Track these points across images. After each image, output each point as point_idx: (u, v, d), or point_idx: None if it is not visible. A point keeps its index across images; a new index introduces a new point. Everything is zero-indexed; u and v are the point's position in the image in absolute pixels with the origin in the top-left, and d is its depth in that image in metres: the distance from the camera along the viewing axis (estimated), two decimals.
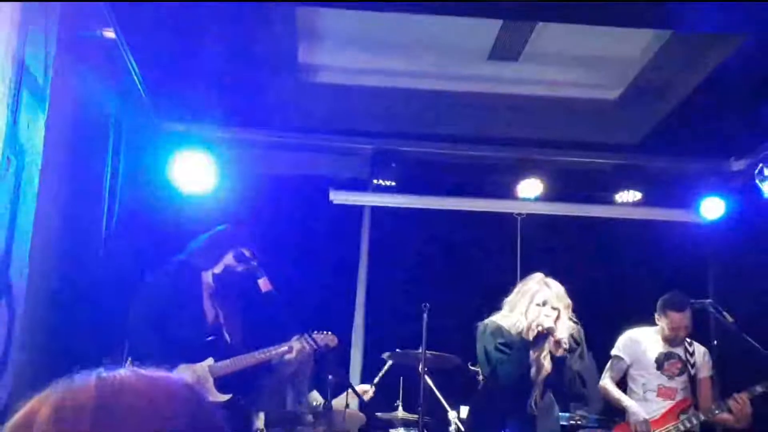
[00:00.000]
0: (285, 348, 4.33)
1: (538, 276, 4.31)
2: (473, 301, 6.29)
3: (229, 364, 4.22)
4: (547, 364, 4.12)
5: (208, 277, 4.38)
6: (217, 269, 4.38)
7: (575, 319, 4.24)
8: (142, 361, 4.00)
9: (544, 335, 4.10)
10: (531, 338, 4.09)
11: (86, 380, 0.82)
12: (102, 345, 4.94)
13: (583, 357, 4.32)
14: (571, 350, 4.14)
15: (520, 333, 4.11)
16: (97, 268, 4.83)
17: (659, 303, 5.09)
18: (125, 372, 0.85)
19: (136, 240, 5.56)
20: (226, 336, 4.32)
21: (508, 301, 4.32)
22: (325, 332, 4.49)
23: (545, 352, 4.12)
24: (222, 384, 4.21)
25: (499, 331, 4.17)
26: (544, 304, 4.11)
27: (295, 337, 4.34)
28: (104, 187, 4.71)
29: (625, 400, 5.03)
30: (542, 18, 4.93)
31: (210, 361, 4.21)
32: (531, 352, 4.12)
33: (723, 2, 4.22)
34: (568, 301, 4.19)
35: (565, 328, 4.12)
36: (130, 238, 5.49)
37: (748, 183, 6.16)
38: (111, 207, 5.05)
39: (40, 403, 0.81)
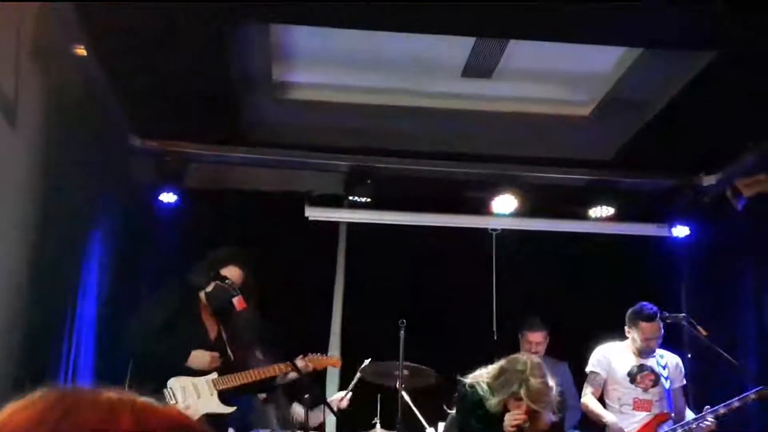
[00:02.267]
0: (289, 367, 4.49)
1: (521, 364, 4.13)
2: (449, 317, 6.31)
3: (232, 379, 4.40)
4: None
5: (202, 296, 4.54)
6: (209, 288, 4.52)
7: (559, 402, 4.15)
8: (144, 378, 4.07)
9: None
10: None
11: (95, 395, 0.76)
12: (75, 372, 4.88)
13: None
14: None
15: (498, 414, 4.06)
16: (72, 284, 4.77)
17: (628, 315, 5.14)
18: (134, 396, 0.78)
19: (115, 255, 5.51)
20: (229, 352, 4.49)
21: (492, 375, 4.15)
22: (325, 355, 4.77)
23: None
24: (225, 398, 4.38)
25: (480, 404, 4.10)
26: (522, 400, 4.02)
27: (299, 357, 4.52)
28: (79, 204, 4.66)
29: (606, 416, 5.07)
30: (514, 35, 4.98)
31: (214, 375, 4.36)
32: None
33: (692, 19, 4.30)
34: (550, 397, 4.05)
35: (543, 423, 4.06)
36: (107, 253, 5.44)
37: (719, 198, 6.24)
38: (87, 223, 5.00)
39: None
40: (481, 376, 4.15)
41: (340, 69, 5.61)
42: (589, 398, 5.18)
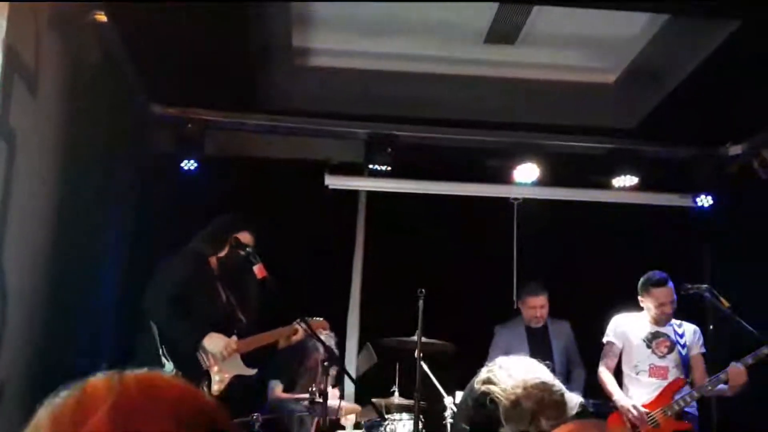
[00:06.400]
0: (290, 329, 4.47)
1: (535, 402, 3.95)
2: (469, 286, 6.30)
3: (250, 342, 4.38)
4: None
5: (213, 262, 4.47)
6: (221, 254, 4.46)
7: None
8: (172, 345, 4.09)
9: None
10: None
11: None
12: (98, 340, 4.92)
13: None
14: None
15: None
16: (94, 252, 4.79)
17: (640, 285, 5.14)
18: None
19: (135, 223, 5.53)
20: (241, 316, 4.46)
21: (509, 398, 4.07)
22: (318, 318, 4.61)
23: None
24: (246, 360, 4.38)
25: (497, 423, 4.09)
26: None
27: (296, 321, 4.45)
28: (99, 172, 4.67)
29: (615, 393, 5.08)
30: (539, 1, 4.89)
31: (235, 338, 4.33)
32: None
33: None
34: None
35: None
36: (127, 221, 5.46)
37: (744, 168, 6.14)
38: (107, 191, 5.01)
39: (95, 405, 0.80)
40: (497, 387, 3.88)
41: (360, 35, 5.55)
42: (602, 370, 5.19)
